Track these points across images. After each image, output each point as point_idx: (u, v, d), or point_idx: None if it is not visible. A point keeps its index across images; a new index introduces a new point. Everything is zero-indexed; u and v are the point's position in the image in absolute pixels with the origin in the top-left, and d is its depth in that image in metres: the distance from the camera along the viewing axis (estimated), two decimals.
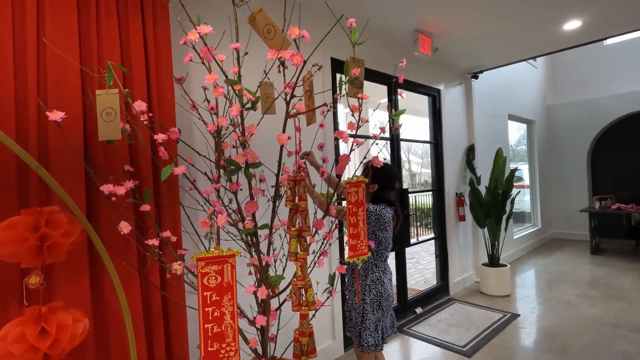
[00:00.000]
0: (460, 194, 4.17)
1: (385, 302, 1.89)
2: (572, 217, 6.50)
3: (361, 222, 1.16)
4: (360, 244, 1.16)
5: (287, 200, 1.08)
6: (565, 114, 6.70)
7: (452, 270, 4.02)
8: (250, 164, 1.01)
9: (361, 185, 1.19)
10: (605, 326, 3.03)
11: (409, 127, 8.79)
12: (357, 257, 1.16)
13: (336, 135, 1.21)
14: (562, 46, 3.77)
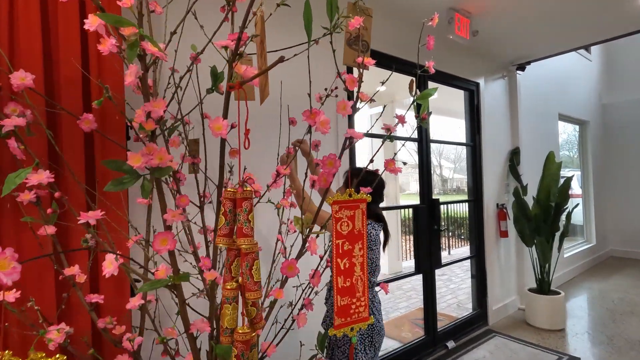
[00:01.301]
0: (502, 206, 3.55)
1: (378, 337, 1.53)
2: (633, 233, 5.60)
3: (359, 268, 0.69)
4: (358, 304, 0.70)
5: (219, 235, 0.63)
6: (623, 114, 5.82)
7: (492, 296, 3.40)
8: (155, 169, 0.58)
9: (360, 205, 0.72)
10: None
11: (441, 129, 8.16)
12: (350, 325, 0.69)
13: (349, 134, 0.76)
14: (630, 29, 3.08)
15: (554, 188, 3.26)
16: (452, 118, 6.08)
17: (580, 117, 5.33)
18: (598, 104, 5.89)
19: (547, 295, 3.24)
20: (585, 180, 5.69)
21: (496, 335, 3.14)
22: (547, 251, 3.26)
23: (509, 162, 3.70)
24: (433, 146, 3.10)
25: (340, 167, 0.91)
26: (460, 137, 3.59)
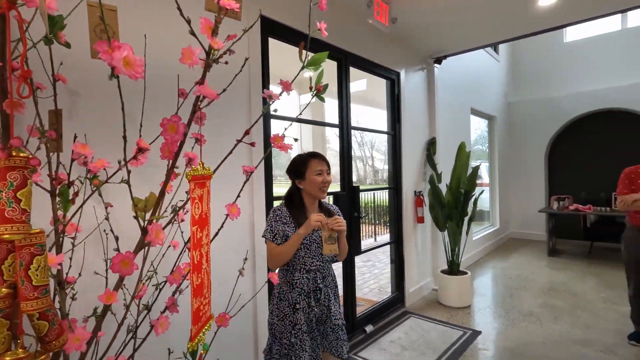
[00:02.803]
0: (419, 193, 3.71)
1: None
2: (530, 217, 6.36)
3: (205, 259, 0.56)
4: (205, 302, 0.57)
5: None
6: (524, 111, 6.54)
7: (409, 279, 3.56)
8: None
9: (207, 183, 0.59)
10: (574, 345, 2.68)
11: (369, 119, 8.37)
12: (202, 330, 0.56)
13: (198, 91, 0.60)
14: (535, 28, 3.37)
15: (463, 176, 3.48)
16: (379, 109, 6.26)
17: (489, 113, 5.84)
18: (504, 102, 6.51)
19: (456, 276, 3.47)
20: (492, 170, 6.28)
21: (411, 316, 3.29)
22: (457, 235, 3.49)
23: (427, 151, 3.88)
24: (366, 137, 3.09)
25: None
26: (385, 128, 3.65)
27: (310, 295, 1.56)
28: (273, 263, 1.53)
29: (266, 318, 2.05)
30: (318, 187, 1.56)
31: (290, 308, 1.53)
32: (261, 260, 2.05)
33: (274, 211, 1.58)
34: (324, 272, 1.61)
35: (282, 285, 1.57)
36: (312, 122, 3.97)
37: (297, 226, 1.53)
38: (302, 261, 1.55)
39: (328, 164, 1.61)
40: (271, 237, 1.53)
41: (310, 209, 1.62)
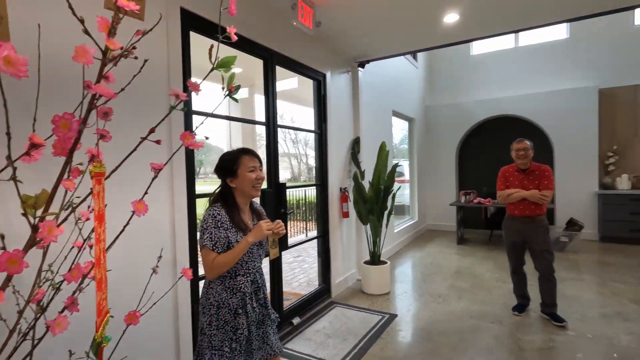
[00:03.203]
0: (344, 189, 3.92)
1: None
2: (443, 210, 7.07)
3: (103, 255, 0.58)
4: (104, 297, 0.59)
5: None
6: (439, 114, 7.23)
7: (335, 271, 3.75)
8: None
9: (102, 180, 0.61)
10: (471, 319, 3.09)
11: (299, 116, 8.50)
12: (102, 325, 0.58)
13: (94, 90, 0.59)
14: (444, 41, 3.78)
15: (383, 173, 3.77)
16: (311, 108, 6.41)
17: (409, 115, 6.35)
18: (422, 105, 7.13)
19: (377, 266, 3.75)
20: (412, 168, 6.85)
21: (337, 305, 3.47)
22: (378, 228, 3.77)
23: (351, 150, 4.11)
24: (300, 135, 3.16)
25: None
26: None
27: (252, 296, 1.52)
28: (214, 273, 1.42)
29: (189, 322, 2.02)
30: (251, 185, 1.48)
31: (232, 314, 1.46)
32: (183, 258, 2.01)
33: (214, 216, 1.44)
34: (260, 271, 1.60)
35: (221, 293, 1.47)
36: (235, 119, 3.94)
37: (237, 230, 1.46)
38: (246, 266, 1.50)
39: (260, 159, 1.55)
40: (212, 245, 1.41)
41: (244, 209, 1.55)
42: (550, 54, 6.36)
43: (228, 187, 1.52)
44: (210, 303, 1.48)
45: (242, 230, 1.47)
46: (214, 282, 1.49)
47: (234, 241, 1.44)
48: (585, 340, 2.68)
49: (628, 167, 5.86)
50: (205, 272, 1.45)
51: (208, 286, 1.51)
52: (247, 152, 1.53)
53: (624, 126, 5.89)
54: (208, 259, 1.41)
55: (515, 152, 3.06)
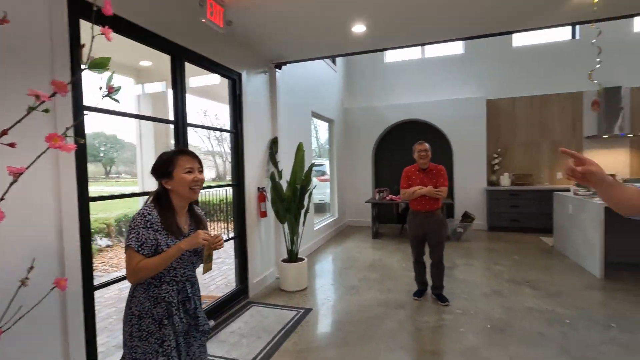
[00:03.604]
0: (262, 189, 3.94)
1: None
2: (361, 207, 7.51)
3: None
4: None
5: None
6: (357, 117, 7.65)
7: (253, 270, 3.75)
8: None
9: None
10: (379, 307, 3.37)
11: (221, 114, 8.18)
12: None
13: None
14: (354, 49, 4.02)
15: (300, 173, 3.88)
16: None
17: (328, 116, 6.61)
18: (341, 107, 7.47)
19: (294, 263, 3.86)
20: (332, 167, 7.15)
21: (254, 305, 3.49)
22: (295, 226, 3.87)
23: (269, 149, 4.14)
24: (226, 133, 3.05)
25: None
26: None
27: (179, 306, 1.43)
28: (137, 277, 1.33)
29: (81, 336, 1.86)
30: (188, 187, 1.40)
31: (156, 325, 1.36)
32: (73, 268, 1.84)
33: (143, 215, 1.35)
34: (192, 280, 1.50)
35: (144, 302, 1.37)
36: (136, 117, 3.72)
37: (168, 234, 1.37)
38: (174, 272, 1.41)
39: (199, 160, 1.47)
40: (137, 246, 1.32)
41: (181, 213, 1.46)
42: (450, 66, 7.18)
43: (164, 188, 1.43)
44: (132, 312, 1.39)
45: (174, 234, 1.38)
46: (138, 289, 1.39)
47: (164, 245, 1.35)
48: (468, 316, 3.12)
49: (509, 167, 6.92)
50: (128, 275, 1.34)
51: (132, 294, 1.42)
52: (185, 152, 1.45)
53: (506, 132, 6.94)
54: (132, 261, 1.32)
55: (417, 153, 3.40)
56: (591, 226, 4.11)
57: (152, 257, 1.32)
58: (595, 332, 2.75)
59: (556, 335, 2.74)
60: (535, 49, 6.71)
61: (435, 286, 3.48)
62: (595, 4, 2.71)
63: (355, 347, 2.65)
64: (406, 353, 2.55)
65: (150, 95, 4.97)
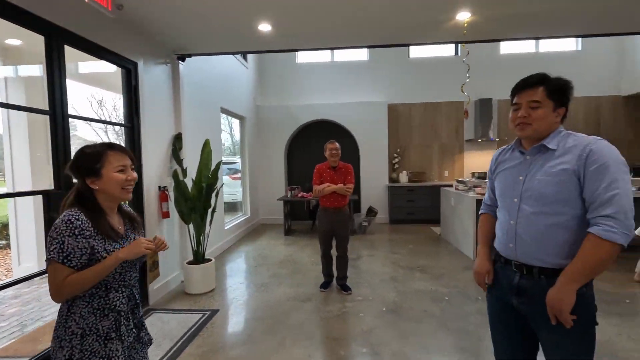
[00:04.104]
0: (164, 188, 3.69)
1: None
2: (273, 205, 7.54)
3: None
4: None
5: None
6: (269, 114, 7.65)
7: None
8: None
9: None
10: (287, 301, 3.46)
11: (111, 104, 7.31)
12: None
13: None
14: (262, 47, 4.04)
15: (205, 171, 3.75)
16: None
17: (239, 113, 6.48)
18: (253, 104, 7.39)
19: (200, 264, 3.71)
20: (244, 165, 7.03)
21: (154, 312, 3.26)
22: (201, 226, 3.73)
23: (172, 146, 3.90)
24: (121, 129, 2.71)
25: None
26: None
27: (129, 316, 1.28)
28: (64, 294, 1.14)
29: None
30: (120, 187, 1.24)
31: (101, 341, 1.19)
32: None
33: (69, 222, 1.14)
34: (137, 284, 1.36)
35: (87, 316, 1.19)
36: (14, 107, 3.19)
37: (104, 238, 1.20)
38: (121, 277, 1.25)
39: (131, 156, 1.31)
40: (61, 258, 1.12)
41: (111, 214, 1.29)
42: (356, 71, 7.67)
43: (88, 188, 1.23)
44: (72, 332, 1.17)
45: (110, 238, 1.22)
46: (77, 304, 1.19)
47: (102, 250, 1.18)
48: (368, 301, 3.41)
49: (407, 166, 7.69)
50: (51, 293, 1.14)
51: (68, 311, 1.19)
52: (114, 147, 1.27)
53: (404, 134, 7.70)
54: (56, 276, 1.12)
55: (328, 152, 3.57)
56: (467, 216, 4.84)
57: (84, 270, 1.15)
58: (466, 306, 3.26)
59: (437, 311, 3.17)
60: (428, 61, 7.58)
61: (339, 277, 3.71)
62: (465, 28, 3.21)
63: (261, 343, 2.68)
64: (310, 342, 2.68)
65: (24, 79, 4.24)
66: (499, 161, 1.48)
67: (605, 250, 1.12)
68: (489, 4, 2.91)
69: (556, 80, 1.27)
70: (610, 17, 3.28)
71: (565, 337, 1.23)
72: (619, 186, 1.13)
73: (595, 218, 1.15)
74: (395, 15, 3.09)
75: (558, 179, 1.21)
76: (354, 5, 2.87)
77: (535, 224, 1.26)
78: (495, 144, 7.49)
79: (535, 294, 1.27)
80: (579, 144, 1.22)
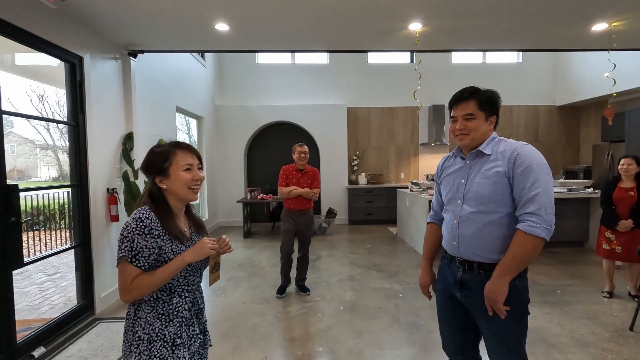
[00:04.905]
0: (113, 190, 3.50)
1: None
2: (232, 207, 7.41)
3: None
4: None
5: None
6: (228, 115, 7.51)
7: (100, 283, 3.30)
8: None
9: None
10: (244, 304, 3.42)
11: (54, 100, 6.72)
12: None
13: None
14: (220, 47, 3.96)
15: None
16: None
17: (196, 113, 6.30)
18: (212, 104, 7.22)
19: None
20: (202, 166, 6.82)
21: (101, 321, 3.08)
22: None
23: (123, 146, 3.71)
24: (65, 127, 2.50)
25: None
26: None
27: (194, 321, 1.26)
28: (133, 295, 1.12)
29: None
30: (187, 187, 1.20)
31: (169, 347, 1.16)
32: None
33: (139, 220, 1.11)
34: (200, 289, 1.33)
35: (153, 322, 1.16)
36: None
37: (172, 239, 1.17)
38: (185, 282, 1.22)
39: (199, 156, 1.27)
40: (130, 256, 1.10)
41: (179, 215, 1.26)
42: (316, 74, 7.76)
43: (158, 188, 1.21)
44: (139, 337, 1.15)
45: (178, 239, 1.19)
46: (142, 308, 1.16)
47: (169, 252, 1.15)
48: (325, 301, 3.46)
49: (365, 168, 7.90)
50: (121, 293, 1.12)
51: (134, 316, 1.17)
52: (181, 146, 1.24)
53: (363, 137, 7.90)
54: (125, 276, 1.10)
55: (297, 154, 3.57)
56: (420, 215, 5.07)
57: (152, 272, 1.12)
58: (418, 301, 3.43)
59: (391, 307, 3.30)
60: (385, 66, 7.85)
61: (299, 278, 3.73)
62: (417, 38, 3.38)
63: (216, 348, 2.63)
64: (266, 343, 2.68)
65: None
66: (444, 167, 1.59)
67: (531, 244, 1.24)
68: (438, 16, 3.09)
69: (485, 93, 1.39)
70: (545, 35, 3.62)
71: (500, 326, 1.34)
72: (540, 185, 1.25)
73: (521, 215, 1.28)
74: (352, 22, 3.18)
75: (493, 180, 1.33)
76: (312, 10, 2.92)
77: (475, 222, 1.37)
78: (447, 147, 7.91)
79: (475, 287, 1.38)
80: (508, 148, 1.35)
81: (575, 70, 7.32)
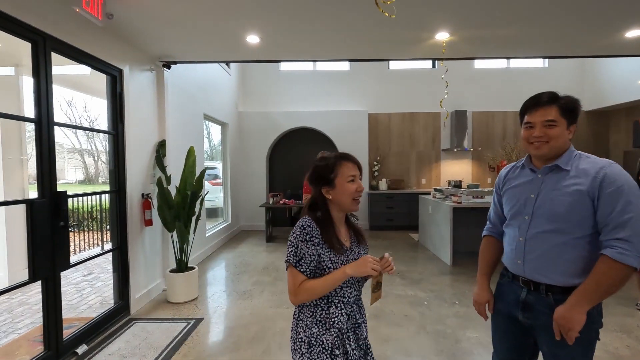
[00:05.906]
0: (147, 195, 3.66)
1: None
2: (255, 211, 7.55)
3: None
4: None
5: None
6: (251, 121, 7.68)
7: (135, 285, 3.45)
8: None
9: None
10: (270, 309, 3.50)
11: (90, 107, 7.09)
12: None
13: None
14: (248, 57, 4.10)
15: (190, 178, 3.75)
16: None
17: (222, 120, 6.48)
18: (235, 111, 7.40)
19: (184, 273, 3.69)
20: (225, 171, 7.01)
21: (136, 322, 3.22)
22: (185, 234, 3.71)
23: (156, 153, 3.88)
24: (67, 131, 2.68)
25: None
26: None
27: (350, 334, 1.26)
28: (299, 299, 1.21)
29: None
30: (351, 198, 1.27)
31: (327, 355, 1.21)
32: None
33: (303, 228, 1.22)
34: (359, 303, 1.34)
35: (312, 327, 1.23)
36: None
37: (330, 248, 1.23)
38: (341, 293, 1.26)
39: (360, 167, 1.33)
40: (295, 261, 1.20)
41: (340, 225, 1.32)
42: (338, 81, 7.83)
43: (323, 198, 1.30)
44: (301, 339, 1.25)
45: (335, 249, 1.24)
46: (304, 312, 1.26)
47: (327, 260, 1.22)
48: None
49: (386, 173, 7.90)
50: (290, 295, 1.24)
51: (298, 317, 1.29)
52: (347, 158, 1.31)
53: (384, 142, 7.91)
54: (293, 280, 1.21)
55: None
56: (443, 223, 5.05)
57: (316, 279, 1.20)
58: (444, 309, 3.42)
59: (416, 315, 3.31)
60: (406, 72, 7.85)
61: None
62: (443, 47, 3.41)
63: (247, 351, 2.72)
64: None
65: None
66: (507, 178, 1.46)
67: (618, 273, 1.13)
68: (466, 27, 3.11)
69: (567, 99, 1.28)
70: (575, 42, 3.57)
71: (568, 352, 1.24)
72: (632, 210, 1.13)
73: (609, 240, 1.16)
74: (381, 32, 3.23)
75: (572, 198, 1.21)
76: (347, 20, 2.98)
77: (545, 241, 1.27)
78: (470, 153, 7.82)
79: (541, 309, 1.28)
80: (592, 166, 1.23)
81: (604, 74, 7.12)
